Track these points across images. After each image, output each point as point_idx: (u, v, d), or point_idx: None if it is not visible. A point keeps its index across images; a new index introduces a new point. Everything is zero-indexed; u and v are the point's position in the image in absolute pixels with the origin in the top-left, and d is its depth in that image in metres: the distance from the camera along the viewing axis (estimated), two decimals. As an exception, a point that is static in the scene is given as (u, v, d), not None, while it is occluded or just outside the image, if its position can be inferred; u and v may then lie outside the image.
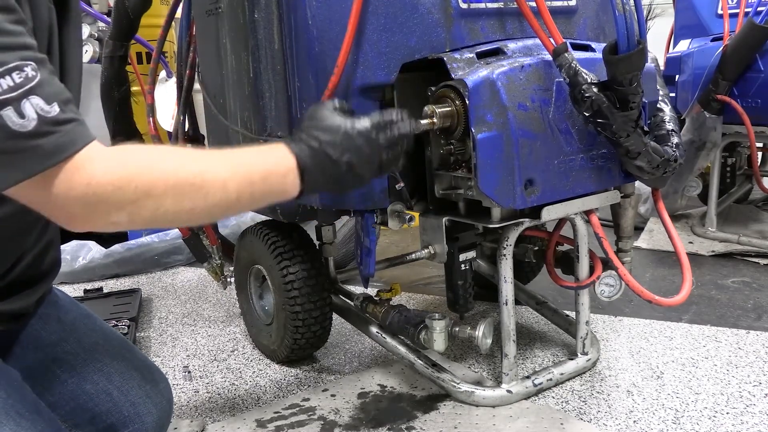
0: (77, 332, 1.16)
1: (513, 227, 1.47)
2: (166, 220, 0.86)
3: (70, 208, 0.80)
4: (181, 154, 0.90)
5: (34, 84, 0.76)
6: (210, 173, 0.87)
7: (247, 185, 0.91)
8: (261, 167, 0.94)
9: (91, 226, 0.83)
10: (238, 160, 0.92)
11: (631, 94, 1.29)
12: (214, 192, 0.86)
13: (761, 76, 2.33)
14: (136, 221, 0.83)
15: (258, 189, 0.93)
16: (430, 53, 1.39)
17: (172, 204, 0.83)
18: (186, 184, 0.84)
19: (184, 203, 0.84)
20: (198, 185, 0.85)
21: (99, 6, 2.78)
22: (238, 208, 0.93)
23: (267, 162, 0.96)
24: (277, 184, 0.96)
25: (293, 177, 0.97)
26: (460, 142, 1.38)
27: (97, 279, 2.59)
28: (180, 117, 1.88)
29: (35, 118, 0.76)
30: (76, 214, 0.81)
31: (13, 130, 0.75)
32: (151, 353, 1.94)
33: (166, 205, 0.82)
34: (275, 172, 0.95)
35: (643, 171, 1.43)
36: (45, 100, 0.77)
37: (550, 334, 1.89)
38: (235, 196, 0.89)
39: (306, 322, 1.68)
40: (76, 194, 0.79)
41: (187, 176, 0.85)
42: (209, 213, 0.89)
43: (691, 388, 1.58)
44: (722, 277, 2.30)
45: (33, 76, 0.77)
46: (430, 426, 1.47)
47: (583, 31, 1.61)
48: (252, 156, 0.95)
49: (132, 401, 1.14)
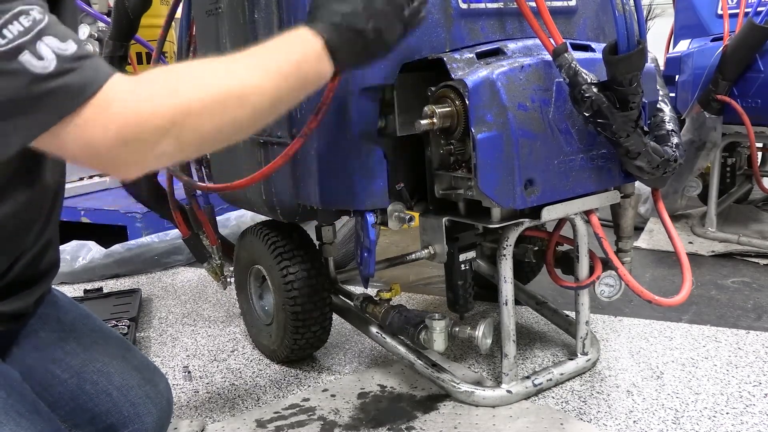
0: (77, 332, 1.16)
1: (513, 227, 1.47)
2: (213, 138, 0.83)
3: (111, 151, 0.75)
4: (206, 66, 0.87)
5: (44, 25, 0.74)
6: (243, 79, 0.85)
7: (282, 82, 0.88)
8: (291, 59, 0.91)
9: (141, 164, 0.79)
10: (266, 58, 0.90)
11: (631, 94, 1.29)
12: (252, 98, 0.84)
13: (761, 76, 2.33)
14: (184, 146, 0.80)
15: (294, 83, 0.90)
16: (430, 53, 1.39)
17: (213, 119, 0.80)
18: (221, 95, 0.82)
19: (225, 116, 0.82)
20: (234, 94, 0.83)
21: (99, 6, 2.78)
22: (279, 107, 0.91)
23: (295, 52, 0.92)
24: (311, 73, 0.93)
25: (325, 60, 0.95)
26: (460, 142, 1.38)
27: (97, 279, 2.59)
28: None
29: (53, 57, 0.73)
30: (120, 156, 0.76)
31: (36, 73, 0.72)
32: (151, 353, 1.94)
33: (207, 121, 0.80)
34: (306, 60, 0.92)
35: (643, 171, 1.43)
36: (59, 39, 0.75)
37: (550, 334, 1.89)
38: (274, 96, 0.87)
39: (306, 322, 1.68)
40: (114, 132, 0.75)
41: (220, 87, 0.82)
42: (253, 119, 0.86)
43: (691, 388, 1.58)
44: (722, 277, 2.30)
45: (40, 18, 0.74)
46: (430, 426, 1.47)
47: (583, 32, 1.61)
48: (278, 50, 0.92)
49: (132, 401, 1.14)
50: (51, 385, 1.10)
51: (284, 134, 1.52)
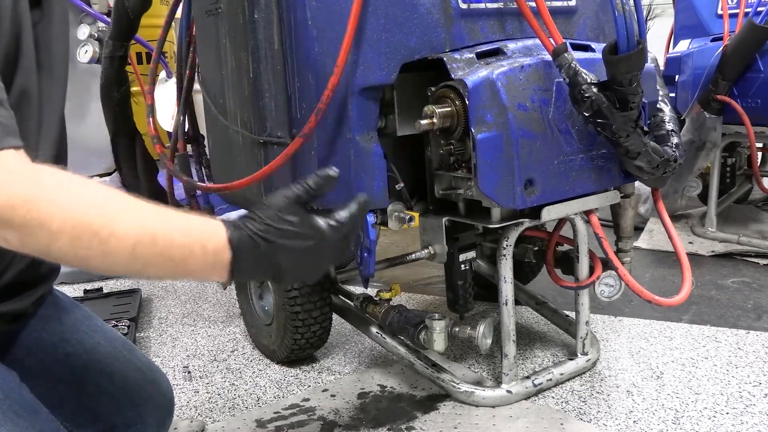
0: (78, 333, 1.16)
1: (513, 227, 1.47)
2: (60, 259, 0.75)
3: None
4: (100, 195, 0.77)
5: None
6: (121, 229, 0.74)
7: (158, 258, 0.77)
8: (185, 247, 0.78)
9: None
10: (164, 225, 0.78)
11: (630, 94, 1.29)
12: (118, 252, 0.74)
13: (761, 76, 2.33)
14: (28, 247, 0.74)
15: (170, 267, 0.78)
16: (430, 53, 1.39)
17: (65, 245, 0.73)
18: (87, 230, 0.73)
19: (78, 249, 0.73)
20: (101, 237, 0.73)
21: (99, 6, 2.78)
22: (143, 275, 0.80)
23: (193, 243, 0.79)
24: (196, 270, 0.80)
25: (221, 270, 0.82)
26: (460, 142, 1.38)
27: (97, 279, 2.59)
28: (180, 117, 1.88)
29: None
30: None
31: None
32: (151, 353, 1.94)
33: (59, 243, 0.72)
34: (197, 258, 0.79)
35: (643, 171, 1.43)
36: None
37: (550, 334, 1.89)
38: (141, 264, 0.76)
39: (306, 322, 1.68)
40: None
41: (92, 222, 0.73)
42: (107, 269, 0.77)
43: (691, 388, 1.58)
44: (722, 277, 2.30)
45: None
46: (430, 426, 1.47)
47: (582, 32, 1.61)
48: (181, 227, 0.79)
49: (134, 402, 1.14)
50: (53, 386, 1.10)
51: (284, 134, 1.52)
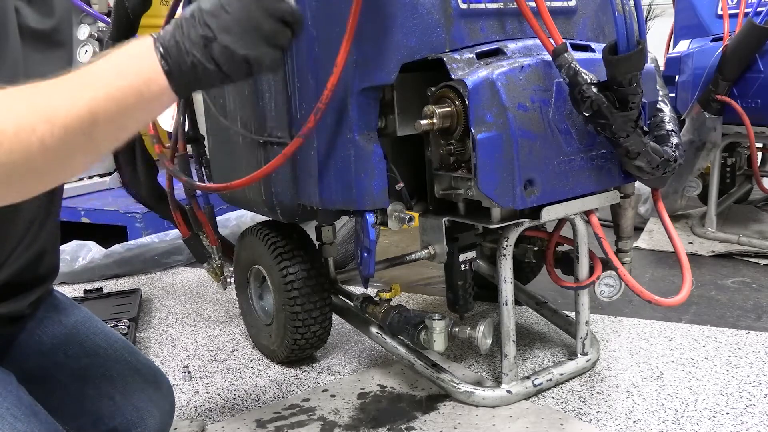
0: (79, 336, 1.15)
1: (513, 227, 1.47)
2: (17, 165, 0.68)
3: None
4: (32, 93, 0.72)
5: None
6: (51, 98, 0.71)
7: (102, 102, 0.72)
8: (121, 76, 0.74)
9: None
10: (90, 76, 0.74)
11: (630, 95, 1.29)
12: (61, 119, 0.70)
13: (761, 77, 2.33)
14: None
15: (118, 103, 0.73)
16: (430, 53, 1.39)
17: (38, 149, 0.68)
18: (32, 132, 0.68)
19: (30, 135, 0.68)
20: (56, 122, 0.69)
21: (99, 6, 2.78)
22: (112, 136, 0.75)
23: (129, 69, 0.75)
24: (145, 93, 0.75)
25: (159, 82, 0.76)
26: (460, 142, 1.38)
27: (96, 279, 2.59)
28: (180, 117, 1.88)
29: None
30: None
31: None
32: (151, 353, 1.94)
33: (12, 157, 0.67)
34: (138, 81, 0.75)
35: (643, 171, 1.43)
36: None
37: (550, 335, 1.89)
38: (104, 127, 0.72)
39: (306, 323, 1.68)
40: None
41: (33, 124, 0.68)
42: (68, 140, 0.71)
43: (691, 389, 1.58)
44: (722, 277, 2.30)
45: None
46: (429, 426, 1.47)
47: (582, 32, 1.61)
48: (109, 66, 0.75)
49: (134, 405, 1.14)
50: (53, 389, 1.10)
51: (284, 134, 1.52)
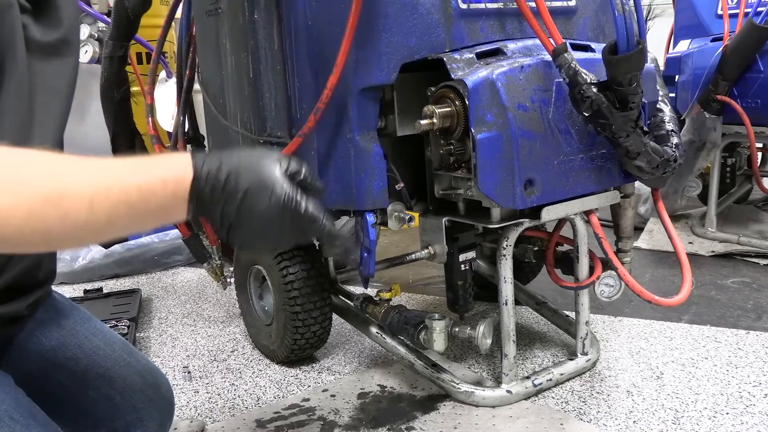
0: (78, 337, 1.15)
1: (513, 227, 1.47)
2: (21, 242, 0.69)
3: None
4: (41, 162, 0.71)
5: None
6: (72, 188, 0.69)
7: (119, 205, 0.70)
8: (143, 182, 0.72)
9: None
10: (117, 172, 0.72)
11: (630, 94, 1.29)
12: (75, 212, 0.68)
13: (761, 77, 2.33)
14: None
15: (134, 213, 0.72)
16: (430, 53, 1.39)
17: (22, 220, 0.67)
18: (38, 200, 0.67)
19: (35, 223, 0.68)
20: (53, 202, 0.67)
21: (99, 6, 2.78)
22: (110, 231, 0.73)
23: (152, 175, 0.73)
24: (159, 207, 0.73)
25: (181, 196, 0.73)
26: (460, 142, 1.38)
27: (97, 279, 2.59)
28: (180, 117, 1.88)
29: None
30: None
31: None
32: (151, 353, 1.94)
33: (13, 223, 0.66)
34: (159, 191, 0.72)
35: (643, 171, 1.43)
36: None
37: (550, 335, 1.89)
38: (103, 219, 0.70)
39: (306, 323, 1.68)
40: None
41: (40, 191, 0.67)
42: (72, 236, 0.71)
43: (691, 389, 1.58)
44: (722, 277, 2.30)
45: None
46: (429, 426, 1.47)
47: (582, 32, 1.61)
48: (137, 169, 0.73)
49: (134, 406, 1.14)
50: (52, 390, 1.10)
51: (284, 134, 1.52)
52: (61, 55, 0.97)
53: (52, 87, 0.75)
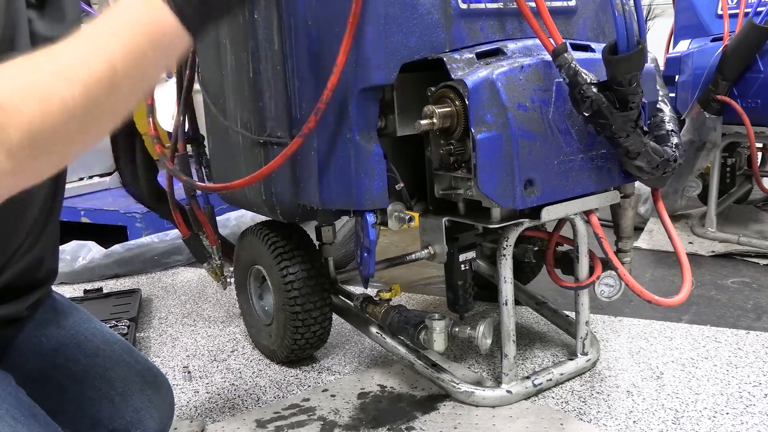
0: (77, 337, 1.15)
1: (513, 227, 1.47)
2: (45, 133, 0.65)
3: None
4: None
5: None
6: (62, 57, 0.67)
7: (117, 49, 0.69)
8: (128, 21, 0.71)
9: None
10: (98, 29, 0.71)
11: (630, 95, 1.29)
12: (79, 73, 0.67)
13: (761, 77, 2.33)
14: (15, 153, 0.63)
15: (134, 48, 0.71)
16: (430, 53, 1.39)
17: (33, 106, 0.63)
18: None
19: (51, 98, 0.65)
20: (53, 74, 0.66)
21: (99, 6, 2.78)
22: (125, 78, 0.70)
23: (133, 13, 0.72)
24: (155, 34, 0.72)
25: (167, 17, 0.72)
26: (460, 142, 1.38)
27: (96, 279, 2.59)
28: (180, 117, 1.88)
29: None
30: None
31: None
32: (151, 353, 1.94)
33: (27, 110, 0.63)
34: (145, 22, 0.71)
35: (643, 171, 1.43)
36: None
37: (550, 335, 1.89)
38: (111, 66, 0.69)
39: (306, 323, 1.68)
40: None
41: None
42: (90, 99, 0.67)
43: (691, 389, 1.58)
44: (722, 277, 2.30)
45: None
46: (429, 426, 1.47)
47: (582, 32, 1.61)
48: (114, 16, 0.72)
49: (134, 406, 1.14)
50: (52, 391, 1.10)
51: (284, 134, 1.52)
52: None
53: None
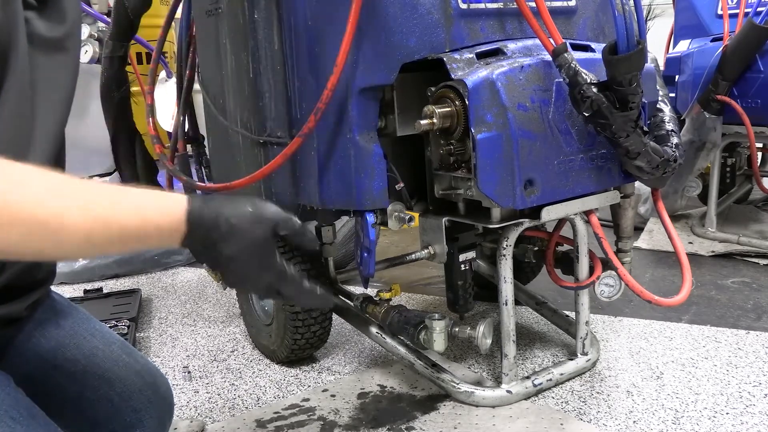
0: (77, 338, 1.15)
1: (513, 227, 1.47)
2: (13, 253, 0.71)
3: None
4: (48, 183, 0.72)
5: None
6: (72, 219, 0.70)
7: (114, 242, 0.73)
8: (140, 225, 0.74)
9: None
10: (117, 210, 0.74)
11: (630, 94, 1.29)
12: (71, 242, 0.71)
13: (761, 76, 2.33)
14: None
15: (127, 248, 0.75)
16: (430, 53, 1.39)
17: (17, 239, 0.69)
18: (38, 224, 0.69)
19: (31, 243, 0.70)
20: (52, 230, 0.70)
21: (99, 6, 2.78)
22: (99, 255, 0.78)
23: (148, 219, 0.75)
24: (153, 245, 0.76)
25: (174, 240, 0.76)
26: (460, 142, 1.38)
27: (97, 279, 2.59)
28: (180, 117, 1.88)
29: None
30: None
31: None
32: (151, 353, 1.94)
33: (10, 238, 0.68)
34: (154, 236, 0.75)
35: (643, 171, 1.43)
36: None
37: (550, 335, 1.89)
38: (98, 250, 0.74)
39: (306, 323, 1.68)
40: None
41: (42, 215, 0.69)
42: (63, 257, 0.75)
43: (691, 389, 1.58)
44: (722, 277, 2.30)
45: None
46: (429, 426, 1.47)
47: (582, 32, 1.61)
48: (136, 209, 0.75)
49: (133, 407, 1.13)
50: (51, 391, 1.09)
51: (284, 134, 1.52)
52: (64, 50, 0.98)
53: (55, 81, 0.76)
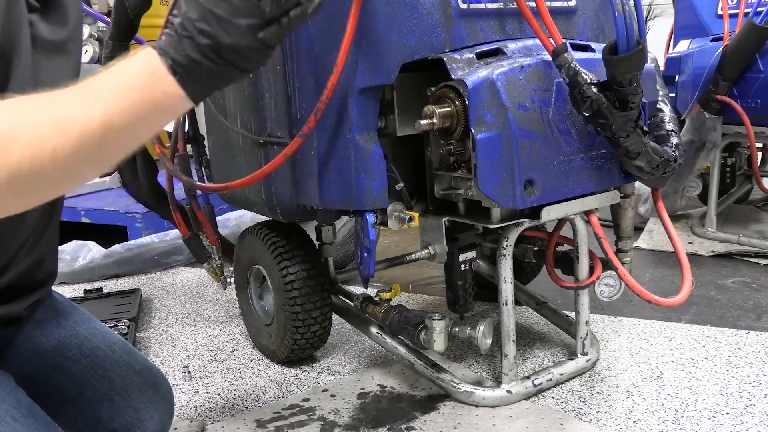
0: (77, 337, 1.15)
1: (513, 227, 1.47)
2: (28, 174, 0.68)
3: None
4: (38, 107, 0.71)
5: None
6: (63, 107, 0.70)
7: (115, 108, 0.71)
8: (129, 83, 0.73)
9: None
10: (98, 84, 0.73)
11: (630, 95, 1.29)
12: (76, 126, 0.70)
13: (761, 77, 2.33)
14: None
15: (132, 109, 0.73)
16: (430, 53, 1.39)
17: (26, 149, 0.67)
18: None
19: (44, 145, 0.68)
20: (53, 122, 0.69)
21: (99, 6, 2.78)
22: (118, 136, 0.73)
23: (134, 73, 0.74)
24: (156, 95, 0.74)
25: (169, 82, 0.74)
26: (460, 142, 1.38)
27: (97, 279, 2.59)
28: (180, 117, 1.88)
29: None
30: None
31: None
32: (151, 353, 1.94)
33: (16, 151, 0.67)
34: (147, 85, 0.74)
35: (643, 171, 1.43)
36: None
37: (550, 335, 1.89)
38: (105, 123, 0.71)
39: (306, 323, 1.68)
40: None
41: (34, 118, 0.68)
42: (81, 149, 0.71)
43: (690, 389, 1.58)
44: (722, 277, 2.30)
45: None
46: (429, 426, 1.47)
47: (582, 32, 1.61)
48: (114, 73, 0.74)
49: (134, 407, 1.14)
50: (52, 391, 1.09)
51: (284, 134, 1.52)
52: (66, 53, 0.98)
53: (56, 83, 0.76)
